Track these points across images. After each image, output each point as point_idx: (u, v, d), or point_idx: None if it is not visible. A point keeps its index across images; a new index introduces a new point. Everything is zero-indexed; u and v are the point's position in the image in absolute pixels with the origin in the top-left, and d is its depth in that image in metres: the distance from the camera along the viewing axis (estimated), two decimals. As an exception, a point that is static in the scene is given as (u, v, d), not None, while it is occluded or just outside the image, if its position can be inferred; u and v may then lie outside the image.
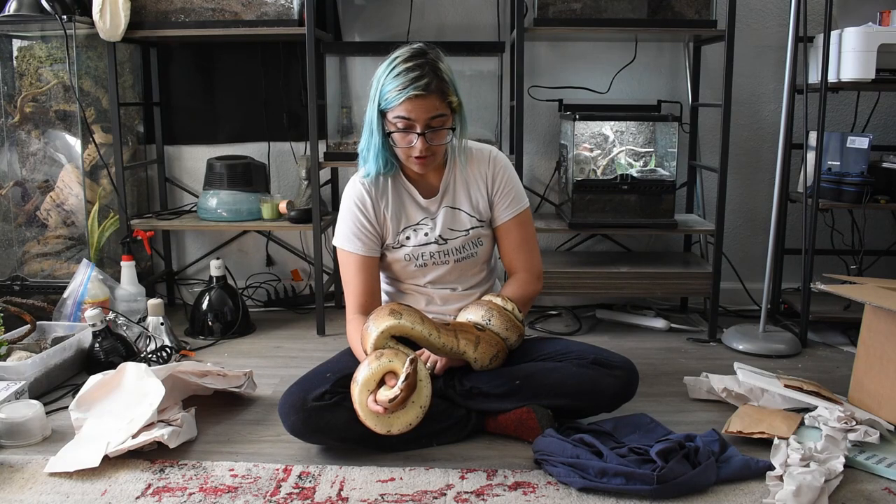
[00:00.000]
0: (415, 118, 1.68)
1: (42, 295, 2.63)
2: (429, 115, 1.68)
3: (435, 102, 1.68)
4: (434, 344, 1.65)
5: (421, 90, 1.65)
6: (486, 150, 1.89)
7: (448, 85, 1.70)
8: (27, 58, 2.69)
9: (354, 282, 1.82)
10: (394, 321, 1.61)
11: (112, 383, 1.80)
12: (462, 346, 1.70)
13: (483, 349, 1.72)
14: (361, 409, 1.57)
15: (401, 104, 1.66)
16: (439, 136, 1.72)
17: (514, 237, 1.90)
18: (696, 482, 1.50)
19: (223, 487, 1.55)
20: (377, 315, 1.64)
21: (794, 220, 2.71)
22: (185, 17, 2.52)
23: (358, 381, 1.57)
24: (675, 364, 2.30)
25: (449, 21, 2.82)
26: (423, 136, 1.69)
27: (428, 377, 1.61)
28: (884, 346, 1.84)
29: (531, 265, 1.91)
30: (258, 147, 2.92)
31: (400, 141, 1.72)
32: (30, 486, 1.55)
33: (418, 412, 1.58)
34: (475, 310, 1.79)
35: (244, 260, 3.04)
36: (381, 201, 1.84)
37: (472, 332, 1.72)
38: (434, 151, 1.73)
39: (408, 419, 1.57)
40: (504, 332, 1.76)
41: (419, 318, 1.64)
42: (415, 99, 1.66)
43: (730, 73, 2.37)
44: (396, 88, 1.66)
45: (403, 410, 1.57)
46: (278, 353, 2.44)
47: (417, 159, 1.73)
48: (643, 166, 2.59)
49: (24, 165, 2.74)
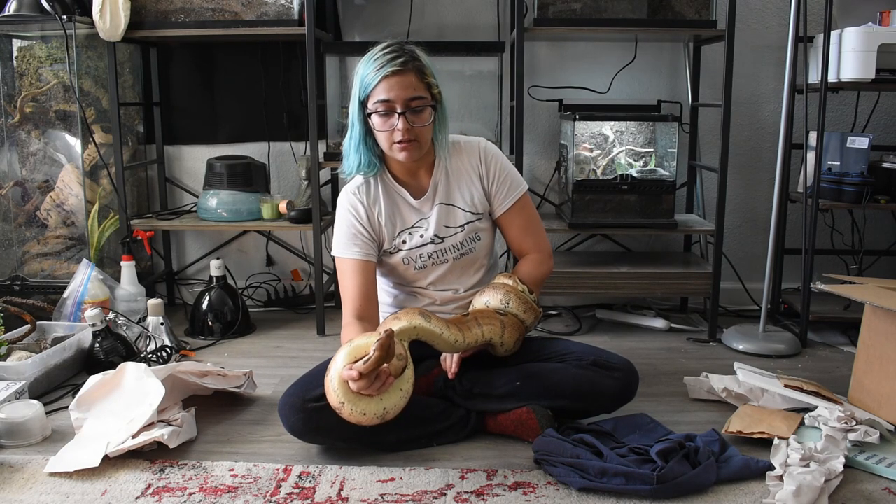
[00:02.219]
0: (394, 97, 1.68)
1: (42, 295, 2.63)
2: (407, 93, 1.68)
3: (412, 79, 1.68)
4: (447, 341, 1.64)
5: (398, 66, 1.67)
6: (475, 142, 1.88)
7: (426, 67, 1.72)
8: (27, 58, 2.69)
9: (350, 286, 1.81)
10: (405, 323, 1.60)
11: (112, 383, 1.80)
12: (487, 333, 1.69)
13: (509, 333, 1.73)
14: (339, 390, 1.52)
15: (379, 84, 1.68)
16: (421, 117, 1.71)
17: (518, 223, 1.90)
18: (696, 482, 1.50)
19: (223, 487, 1.55)
20: (384, 325, 1.63)
21: (794, 220, 2.71)
22: (185, 17, 2.52)
23: (334, 364, 1.55)
24: (675, 364, 2.30)
25: (449, 21, 2.82)
26: (403, 116, 1.69)
27: (411, 365, 1.58)
28: (884, 346, 1.84)
29: (540, 245, 1.92)
30: (258, 147, 2.92)
31: (382, 125, 1.71)
32: (30, 486, 1.55)
33: (406, 385, 1.55)
34: (493, 294, 1.77)
35: (244, 260, 3.04)
36: (374, 208, 1.84)
37: (495, 317, 1.72)
38: (417, 135, 1.72)
39: (386, 403, 1.53)
40: (522, 314, 1.76)
41: (426, 317, 1.63)
42: (391, 77, 1.67)
43: (730, 73, 2.37)
44: (374, 70, 1.68)
45: (385, 395, 1.52)
46: (278, 353, 2.44)
47: (400, 144, 1.71)
48: (643, 166, 2.59)
49: (24, 165, 2.74)
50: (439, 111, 1.76)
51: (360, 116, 1.74)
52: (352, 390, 1.51)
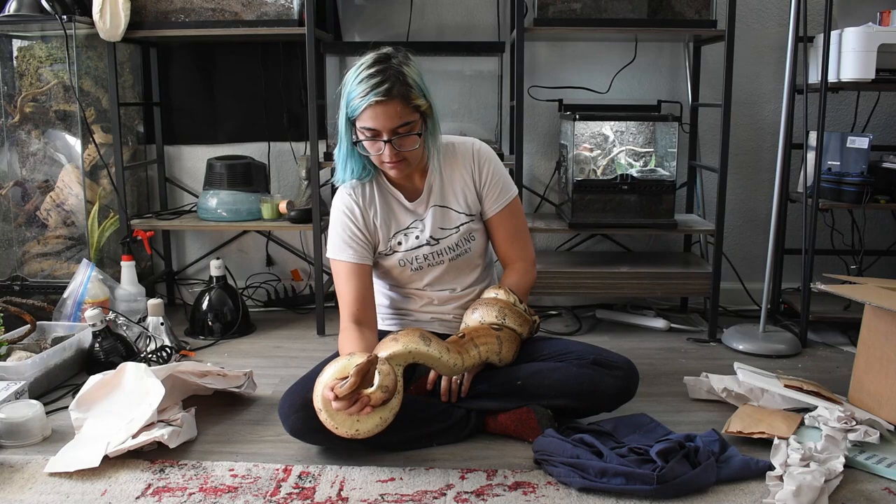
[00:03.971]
0: (379, 127, 1.66)
1: (42, 295, 2.63)
2: (392, 123, 1.65)
3: (397, 108, 1.65)
4: (446, 364, 1.64)
5: (381, 96, 1.63)
6: (469, 143, 1.88)
7: (413, 89, 1.67)
8: (27, 58, 2.69)
9: (346, 290, 1.81)
10: (399, 347, 1.60)
11: (112, 383, 1.80)
12: (484, 353, 1.71)
13: (506, 348, 1.75)
14: (319, 399, 1.56)
15: (364, 111, 1.65)
16: (407, 142, 1.70)
17: (506, 227, 1.90)
18: (696, 482, 1.50)
19: (223, 487, 1.55)
20: (381, 346, 1.64)
21: (794, 220, 2.71)
22: (185, 17, 2.52)
23: (324, 374, 1.58)
24: (675, 364, 2.30)
25: (449, 21, 2.82)
26: (390, 144, 1.68)
27: (400, 394, 1.59)
28: (884, 346, 1.84)
29: (526, 254, 1.93)
30: (258, 147, 2.92)
31: (370, 147, 1.71)
32: (30, 486, 1.55)
33: (387, 414, 1.56)
34: (487, 310, 1.78)
35: (244, 260, 3.04)
36: (369, 210, 1.84)
37: (491, 334, 1.73)
38: (405, 157, 1.72)
39: (360, 426, 1.55)
40: (518, 327, 1.78)
41: (426, 340, 1.63)
42: (376, 105, 1.64)
43: (730, 73, 2.37)
44: (359, 96, 1.65)
45: (362, 417, 1.54)
46: (278, 353, 2.44)
47: (390, 165, 1.72)
48: (643, 166, 2.59)
49: (24, 165, 2.74)
50: (429, 123, 1.74)
51: (347, 131, 1.73)
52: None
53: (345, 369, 1.55)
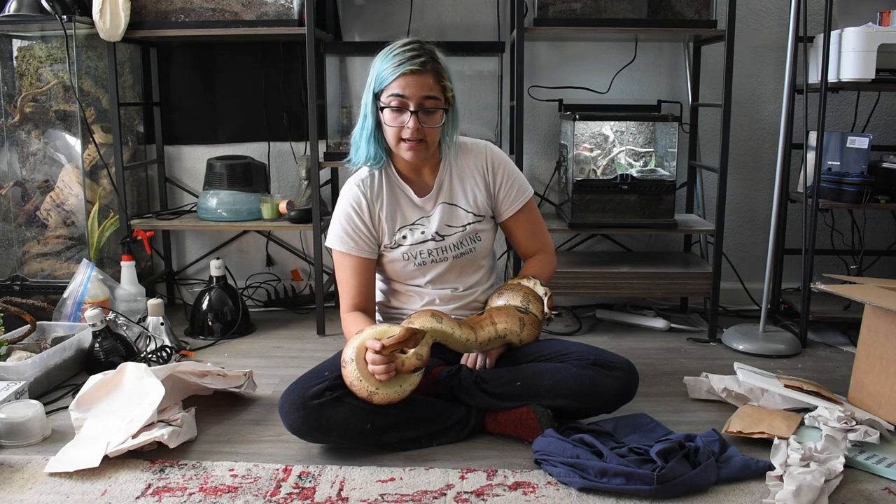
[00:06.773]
0: (409, 95, 1.69)
1: (42, 295, 2.63)
2: (422, 92, 1.69)
3: (429, 81, 1.70)
4: (459, 339, 1.71)
5: (417, 66, 1.68)
6: (482, 145, 1.90)
7: (444, 70, 1.74)
8: (27, 58, 2.69)
9: (349, 284, 1.84)
10: (418, 326, 1.66)
11: (112, 383, 1.80)
12: (501, 329, 1.76)
13: (528, 331, 1.80)
14: (354, 352, 1.62)
15: (395, 80, 1.69)
16: (432, 118, 1.73)
17: (524, 226, 1.94)
18: (696, 482, 1.50)
19: (223, 487, 1.55)
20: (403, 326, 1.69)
21: (794, 220, 2.71)
22: (185, 17, 2.52)
23: (360, 336, 1.65)
24: (675, 364, 2.30)
25: (449, 21, 2.82)
26: (415, 116, 1.70)
27: (422, 373, 1.67)
28: (884, 346, 1.84)
29: (546, 245, 1.99)
30: (258, 147, 2.92)
31: (392, 120, 1.72)
32: (30, 486, 1.55)
33: (406, 386, 1.64)
34: (513, 295, 1.83)
35: (244, 260, 3.04)
36: (376, 203, 1.85)
37: (514, 314, 1.78)
38: (425, 136, 1.73)
39: (381, 389, 1.61)
40: (541, 315, 1.84)
41: (438, 318, 1.70)
42: (410, 74, 1.68)
43: (730, 73, 2.37)
44: (392, 66, 1.69)
45: (395, 379, 1.62)
46: (278, 353, 2.44)
47: (408, 143, 1.73)
48: (643, 166, 2.59)
49: (24, 165, 2.74)
50: (451, 114, 1.78)
51: (372, 108, 1.76)
52: (365, 361, 1.60)
53: (383, 333, 1.62)
